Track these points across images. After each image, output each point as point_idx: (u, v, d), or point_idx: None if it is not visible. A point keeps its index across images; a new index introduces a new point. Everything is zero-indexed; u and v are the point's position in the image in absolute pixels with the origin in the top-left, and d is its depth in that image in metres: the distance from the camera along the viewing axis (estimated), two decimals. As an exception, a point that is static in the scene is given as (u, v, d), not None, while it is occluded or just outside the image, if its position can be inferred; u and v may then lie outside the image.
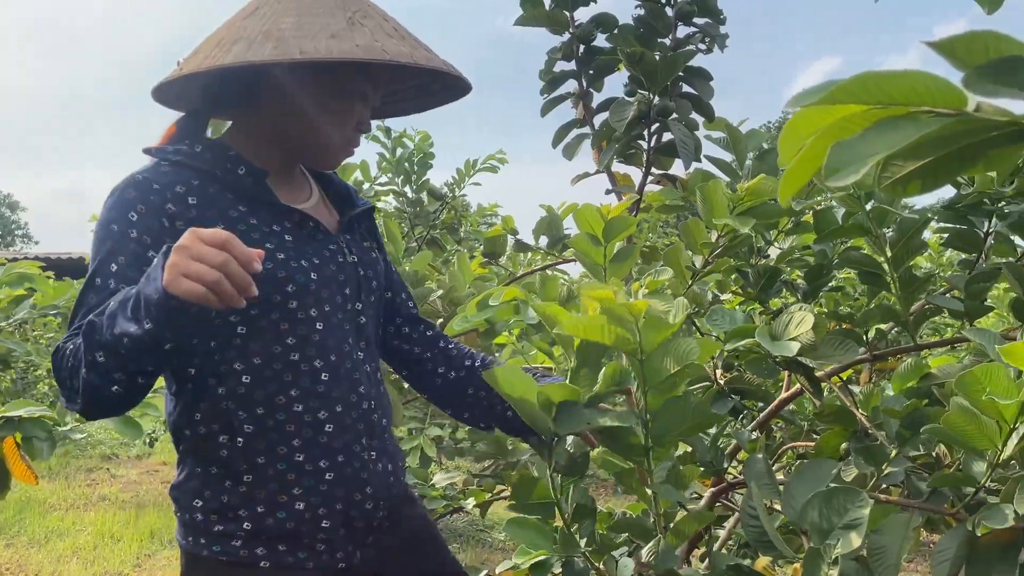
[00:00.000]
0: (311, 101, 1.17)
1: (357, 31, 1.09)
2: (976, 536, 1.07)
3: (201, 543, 1.15)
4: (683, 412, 1.08)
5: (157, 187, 1.10)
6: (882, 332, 1.83)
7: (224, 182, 1.14)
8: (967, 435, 1.00)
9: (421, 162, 4.49)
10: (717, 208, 1.89)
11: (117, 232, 1.07)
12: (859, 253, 1.65)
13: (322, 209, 1.29)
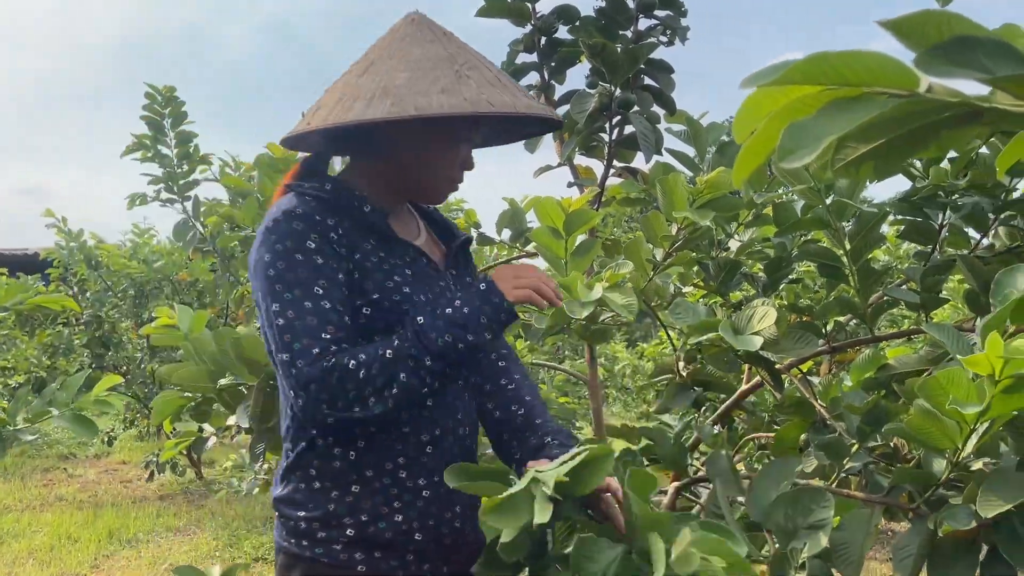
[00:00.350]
0: (424, 148, 1.27)
1: (464, 84, 1.18)
2: (937, 534, 1.08)
3: (304, 545, 1.24)
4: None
5: (318, 219, 1.20)
6: (840, 324, 1.85)
7: (352, 219, 1.25)
8: (929, 436, 1.01)
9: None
10: (677, 201, 1.90)
11: (303, 260, 1.17)
12: (818, 246, 1.66)
13: (431, 244, 1.40)
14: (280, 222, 1.20)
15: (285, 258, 1.17)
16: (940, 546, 1.06)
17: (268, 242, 1.19)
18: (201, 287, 6.87)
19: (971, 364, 0.87)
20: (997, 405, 0.91)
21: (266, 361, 2.13)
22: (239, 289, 4.41)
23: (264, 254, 1.18)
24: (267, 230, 1.20)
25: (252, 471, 4.92)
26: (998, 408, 0.92)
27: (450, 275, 1.37)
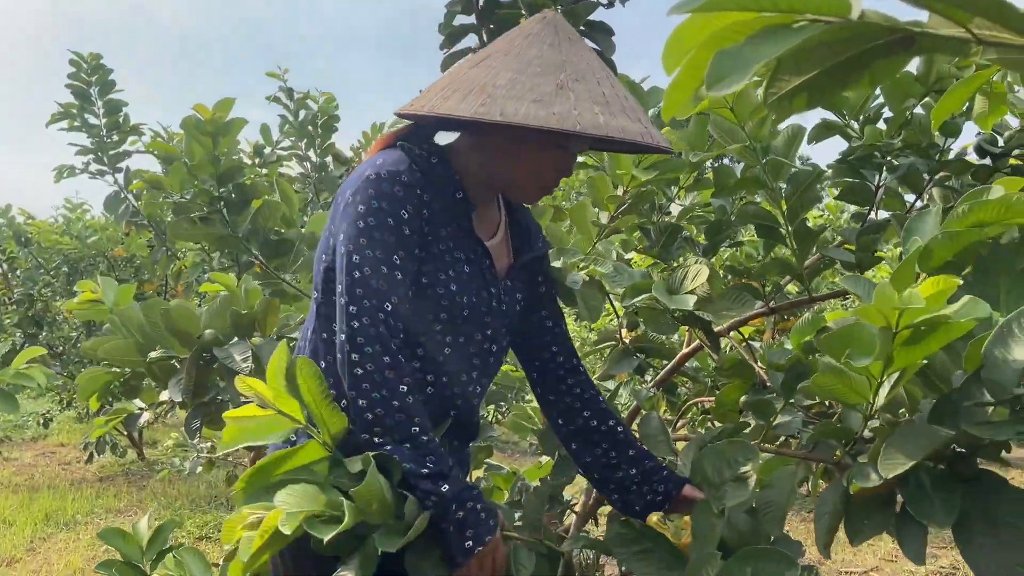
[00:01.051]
0: (516, 152, 1.28)
1: (561, 97, 1.16)
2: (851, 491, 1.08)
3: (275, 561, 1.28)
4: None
5: (418, 192, 1.23)
6: (779, 286, 1.86)
7: (443, 201, 1.27)
8: (836, 391, 1.01)
9: (325, 125, 4.34)
10: (622, 162, 1.88)
11: (393, 226, 1.20)
12: (756, 207, 1.66)
13: (502, 247, 1.41)
14: (383, 180, 1.21)
15: (377, 216, 1.20)
16: (857, 501, 1.07)
17: (366, 193, 1.21)
18: (139, 263, 6.67)
19: (863, 315, 0.87)
20: (900, 357, 0.91)
21: (198, 332, 2.07)
22: (176, 264, 4.28)
23: (359, 203, 1.20)
24: (368, 180, 1.22)
25: (195, 450, 4.82)
26: (902, 360, 0.91)
27: (505, 285, 1.38)
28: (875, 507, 1.05)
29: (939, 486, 0.95)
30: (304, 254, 2.24)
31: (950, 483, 0.95)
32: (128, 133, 4.03)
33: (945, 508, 0.92)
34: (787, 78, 0.52)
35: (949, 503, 0.92)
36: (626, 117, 1.19)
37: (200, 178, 2.12)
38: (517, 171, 1.30)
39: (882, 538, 4.33)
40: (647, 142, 1.19)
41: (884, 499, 1.05)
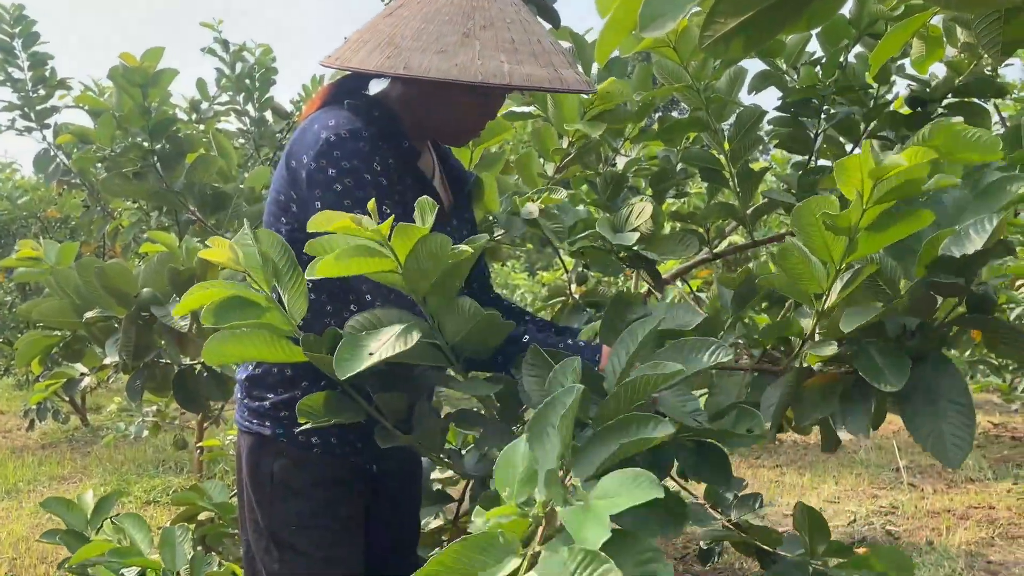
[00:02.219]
0: (434, 100, 1.30)
1: (466, 47, 1.17)
2: (801, 379, 1.14)
3: (266, 426, 1.34)
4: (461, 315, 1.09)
5: (381, 144, 1.24)
6: (723, 231, 1.89)
7: (396, 150, 1.28)
8: (797, 275, 1.03)
9: (263, 78, 4.22)
10: (568, 113, 1.87)
11: (371, 180, 1.21)
12: (699, 150, 1.67)
13: (441, 186, 1.44)
14: (346, 140, 1.22)
15: (353, 176, 1.21)
16: (803, 392, 1.14)
17: (332, 156, 1.21)
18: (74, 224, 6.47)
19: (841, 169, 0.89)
20: (863, 243, 0.95)
21: (135, 291, 2.02)
22: (112, 223, 4.16)
23: (328, 167, 1.21)
24: (329, 143, 1.22)
25: (140, 414, 4.75)
26: (864, 246, 0.95)
27: (453, 223, 1.41)
28: (821, 395, 1.12)
29: (889, 357, 1.02)
30: (244, 209, 2.19)
31: (899, 354, 1.02)
32: (56, 87, 3.87)
33: (894, 373, 0.99)
34: (724, 20, 0.52)
35: (898, 370, 0.99)
36: (535, 63, 1.19)
37: (131, 131, 2.04)
38: (442, 118, 1.32)
39: (825, 481, 4.49)
40: (555, 87, 1.20)
41: (829, 387, 1.12)
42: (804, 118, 1.84)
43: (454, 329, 1.11)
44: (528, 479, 0.73)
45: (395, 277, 1.04)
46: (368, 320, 1.11)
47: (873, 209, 0.89)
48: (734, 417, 1.02)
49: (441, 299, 1.08)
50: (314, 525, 1.34)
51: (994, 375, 5.23)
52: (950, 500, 4.10)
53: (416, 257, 1.01)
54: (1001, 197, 0.97)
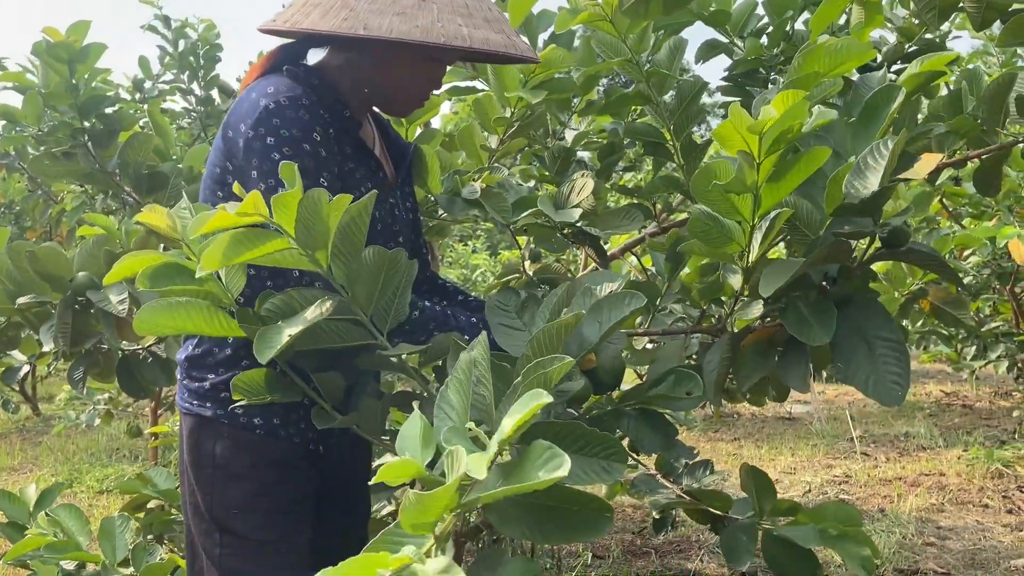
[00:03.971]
0: (386, 65, 1.27)
1: (424, 10, 1.14)
2: (738, 340, 1.15)
3: (207, 407, 1.31)
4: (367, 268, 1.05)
5: (322, 112, 1.22)
6: (669, 205, 1.87)
7: (336, 120, 1.26)
8: (713, 240, 1.02)
9: (208, 55, 4.11)
10: (509, 82, 1.83)
11: (310, 151, 1.18)
12: (642, 123, 1.65)
13: (383, 157, 1.42)
14: (285, 107, 1.18)
15: (292, 144, 1.17)
16: (741, 352, 1.15)
17: (270, 124, 1.17)
18: (18, 209, 6.28)
19: (720, 137, 0.88)
20: (768, 193, 0.94)
21: (70, 275, 1.96)
22: (55, 207, 4.04)
23: (266, 135, 1.17)
24: (270, 111, 1.18)
25: (91, 402, 4.64)
26: (769, 196, 0.95)
27: (396, 194, 1.40)
28: (759, 353, 1.13)
29: (816, 309, 1.02)
30: (183, 189, 2.12)
31: (825, 305, 1.02)
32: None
33: (822, 326, 0.99)
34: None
35: (826, 322, 0.99)
36: (489, 28, 1.19)
37: (59, 109, 1.96)
38: (390, 85, 1.29)
39: (781, 453, 4.55)
40: (511, 52, 1.19)
41: (765, 344, 1.13)
42: (751, 88, 1.83)
43: (367, 291, 1.07)
44: (427, 441, 0.70)
45: (293, 254, 0.99)
46: (283, 302, 1.07)
47: (767, 160, 0.88)
48: (672, 381, 1.01)
49: (345, 261, 1.04)
50: (256, 508, 1.31)
51: (944, 344, 5.33)
52: (902, 468, 4.18)
53: (303, 223, 0.96)
54: (883, 112, 0.97)
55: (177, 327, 1.05)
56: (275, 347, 0.97)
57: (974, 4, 1.30)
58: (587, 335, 0.96)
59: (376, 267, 1.05)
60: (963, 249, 3.38)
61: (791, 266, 0.96)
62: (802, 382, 1.05)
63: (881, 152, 0.89)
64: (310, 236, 0.96)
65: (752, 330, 1.13)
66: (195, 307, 1.05)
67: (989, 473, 3.97)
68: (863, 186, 0.90)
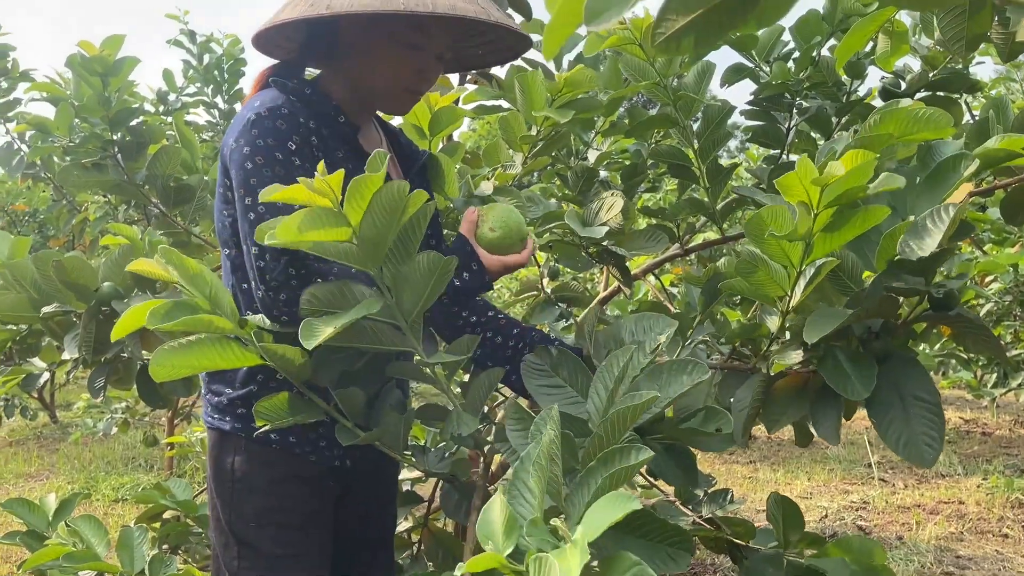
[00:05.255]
0: (366, 53, 1.28)
1: None
2: (771, 382, 1.13)
3: (226, 420, 1.33)
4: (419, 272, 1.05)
5: (302, 120, 1.22)
6: (693, 227, 1.87)
7: (328, 126, 1.27)
8: (758, 283, 1.02)
9: (232, 69, 4.15)
10: (536, 100, 1.84)
11: (282, 159, 1.18)
12: (668, 146, 1.65)
13: (392, 165, 1.43)
14: (264, 117, 1.20)
15: (265, 153, 1.18)
16: (773, 395, 1.13)
17: (249, 135, 1.19)
18: (42, 218, 6.36)
19: (783, 187, 0.88)
20: (820, 244, 0.94)
21: (95, 286, 1.98)
22: (79, 216, 4.08)
23: (244, 146, 1.19)
24: (249, 122, 1.20)
25: (108, 410, 4.67)
26: (821, 247, 0.94)
27: None
28: (791, 397, 1.12)
29: (855, 362, 1.01)
30: (208, 202, 2.14)
31: (866, 359, 1.01)
32: (18, 80, 3.78)
33: (862, 381, 0.98)
34: (674, 17, 0.50)
35: (866, 377, 0.98)
36: (480, 4, 1.19)
37: (90, 121, 1.99)
38: (377, 78, 1.30)
39: (798, 476, 4.52)
40: (481, 19, 1.18)
41: (799, 389, 1.12)
42: (776, 112, 1.83)
43: (413, 296, 1.07)
44: (510, 530, 0.71)
45: (348, 248, 0.99)
46: (332, 292, 1.07)
47: (825, 213, 0.88)
48: (702, 417, 1.01)
49: (396, 263, 1.04)
50: (274, 523, 1.32)
51: (964, 370, 5.28)
52: (920, 495, 4.14)
53: (372, 216, 0.96)
54: (951, 178, 0.96)
55: (193, 366, 1.06)
56: (319, 336, 0.97)
57: (1001, 35, 1.30)
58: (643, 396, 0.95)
59: (428, 273, 1.05)
60: (985, 275, 3.35)
61: (837, 316, 0.95)
62: (833, 433, 1.03)
63: (942, 216, 0.89)
64: (375, 229, 0.96)
65: (786, 372, 1.12)
66: (207, 343, 1.06)
67: (1009, 502, 3.92)
68: (919, 246, 0.90)
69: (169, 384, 2.26)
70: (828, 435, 1.03)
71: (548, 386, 1.11)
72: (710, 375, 0.96)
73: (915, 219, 0.92)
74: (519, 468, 0.78)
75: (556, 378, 1.12)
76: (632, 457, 0.77)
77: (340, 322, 0.97)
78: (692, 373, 0.95)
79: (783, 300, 1.03)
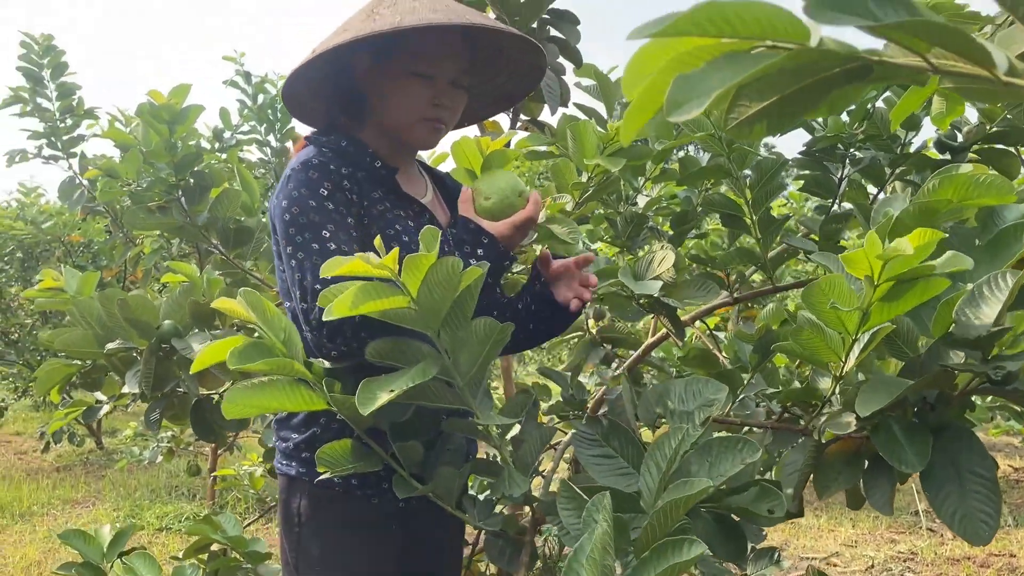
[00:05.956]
0: (381, 93, 1.35)
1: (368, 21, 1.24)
2: (823, 447, 1.12)
3: (292, 466, 1.37)
4: (476, 338, 1.08)
5: (332, 168, 1.29)
6: (743, 276, 1.88)
7: (365, 172, 1.34)
8: (813, 348, 1.03)
9: (284, 110, 4.28)
10: (587, 148, 1.87)
11: (317, 206, 1.25)
12: (720, 196, 1.67)
13: (436, 204, 1.49)
14: (297, 171, 1.28)
15: (299, 203, 1.25)
16: (825, 459, 1.12)
17: (286, 190, 1.28)
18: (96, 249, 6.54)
19: (848, 262, 0.89)
20: (877, 312, 0.94)
21: (157, 323, 2.04)
22: (134, 249, 4.21)
23: (282, 200, 1.27)
24: (286, 178, 1.29)
25: (154, 439, 4.76)
26: (879, 315, 0.94)
27: (450, 234, 1.42)
28: (843, 463, 1.10)
29: (910, 434, 0.99)
30: (265, 242, 2.21)
31: (921, 431, 1.00)
32: (83, 117, 3.93)
33: (917, 453, 0.97)
34: (747, 104, 0.52)
35: (921, 450, 0.97)
36: (431, 12, 1.24)
37: (156, 166, 2.07)
38: (395, 114, 1.35)
39: (842, 523, 4.43)
40: (454, 22, 1.23)
41: (852, 455, 1.10)
42: (829, 162, 1.84)
43: (470, 359, 1.10)
44: None
45: (407, 312, 1.03)
46: (393, 348, 1.11)
47: (885, 284, 0.89)
48: (755, 494, 1.00)
49: (454, 328, 1.07)
50: (338, 567, 1.34)
51: (1015, 420, 5.15)
52: (970, 547, 4.03)
53: (428, 288, 1.00)
54: (1014, 245, 0.95)
55: (263, 407, 1.09)
56: (377, 402, 1.00)
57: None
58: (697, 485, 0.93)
59: (484, 338, 1.08)
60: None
61: (893, 387, 0.95)
62: (887, 504, 1.02)
63: (999, 285, 0.89)
64: (431, 299, 1.00)
65: (839, 436, 1.12)
66: (278, 385, 1.09)
67: (1064, 557, 3.80)
68: (976, 315, 0.89)
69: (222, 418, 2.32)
70: (881, 506, 1.02)
71: (599, 456, 1.12)
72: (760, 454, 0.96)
73: (972, 287, 0.92)
74: (573, 560, 0.79)
75: (607, 448, 1.12)
76: (685, 552, 0.78)
77: (398, 386, 1.00)
78: (743, 451, 0.95)
79: (837, 364, 1.03)
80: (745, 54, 0.48)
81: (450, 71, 1.35)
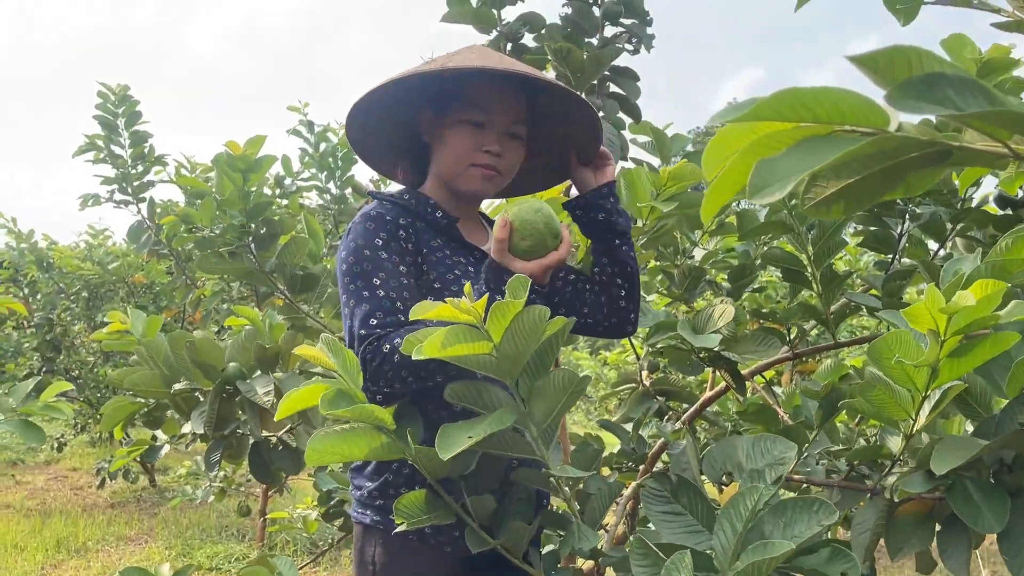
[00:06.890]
0: (436, 142, 1.42)
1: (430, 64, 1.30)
2: (894, 507, 1.10)
3: (366, 514, 1.40)
4: (554, 388, 1.09)
5: (389, 219, 1.36)
6: (803, 331, 1.87)
7: (426, 221, 1.41)
8: (882, 404, 1.02)
9: (345, 157, 4.39)
10: (640, 192, 1.89)
11: (371, 255, 1.32)
12: (781, 251, 1.67)
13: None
14: (357, 223, 1.36)
15: (355, 253, 1.32)
16: (897, 519, 1.10)
17: (345, 241, 1.35)
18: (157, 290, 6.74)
19: (911, 317, 0.88)
20: (946, 369, 0.93)
21: (222, 365, 2.10)
22: (196, 292, 4.33)
23: (341, 251, 1.35)
24: (348, 231, 1.37)
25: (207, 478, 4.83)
26: (948, 372, 0.94)
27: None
28: (916, 524, 1.09)
29: (987, 495, 0.98)
30: (329, 289, 2.27)
31: (998, 492, 0.98)
32: (152, 163, 4.09)
33: (995, 514, 0.96)
34: (825, 184, 0.54)
35: (998, 511, 0.96)
36: (482, 61, 1.29)
37: (229, 213, 2.16)
38: (448, 162, 1.41)
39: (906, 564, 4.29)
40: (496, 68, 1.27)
41: (924, 516, 1.09)
42: (888, 217, 1.84)
43: (545, 409, 1.11)
44: None
45: (488, 359, 1.04)
46: (471, 391, 1.13)
47: (952, 339, 0.89)
48: (827, 556, 0.99)
49: (532, 376, 1.09)
50: None
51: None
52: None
53: (512, 335, 1.02)
54: None
55: (344, 454, 1.12)
56: (457, 447, 1.01)
57: None
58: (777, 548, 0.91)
59: (562, 389, 1.10)
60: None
61: (968, 446, 0.94)
62: (963, 567, 1.00)
63: None
64: (514, 346, 1.02)
65: (910, 496, 1.11)
66: (360, 433, 1.12)
67: None
68: None
69: (279, 461, 2.36)
70: (957, 569, 0.99)
71: (668, 512, 1.11)
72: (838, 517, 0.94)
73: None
74: None
75: (676, 504, 1.12)
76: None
77: (476, 433, 1.02)
78: (819, 513, 0.94)
79: (906, 422, 1.03)
80: (824, 138, 0.50)
81: (502, 121, 1.39)
